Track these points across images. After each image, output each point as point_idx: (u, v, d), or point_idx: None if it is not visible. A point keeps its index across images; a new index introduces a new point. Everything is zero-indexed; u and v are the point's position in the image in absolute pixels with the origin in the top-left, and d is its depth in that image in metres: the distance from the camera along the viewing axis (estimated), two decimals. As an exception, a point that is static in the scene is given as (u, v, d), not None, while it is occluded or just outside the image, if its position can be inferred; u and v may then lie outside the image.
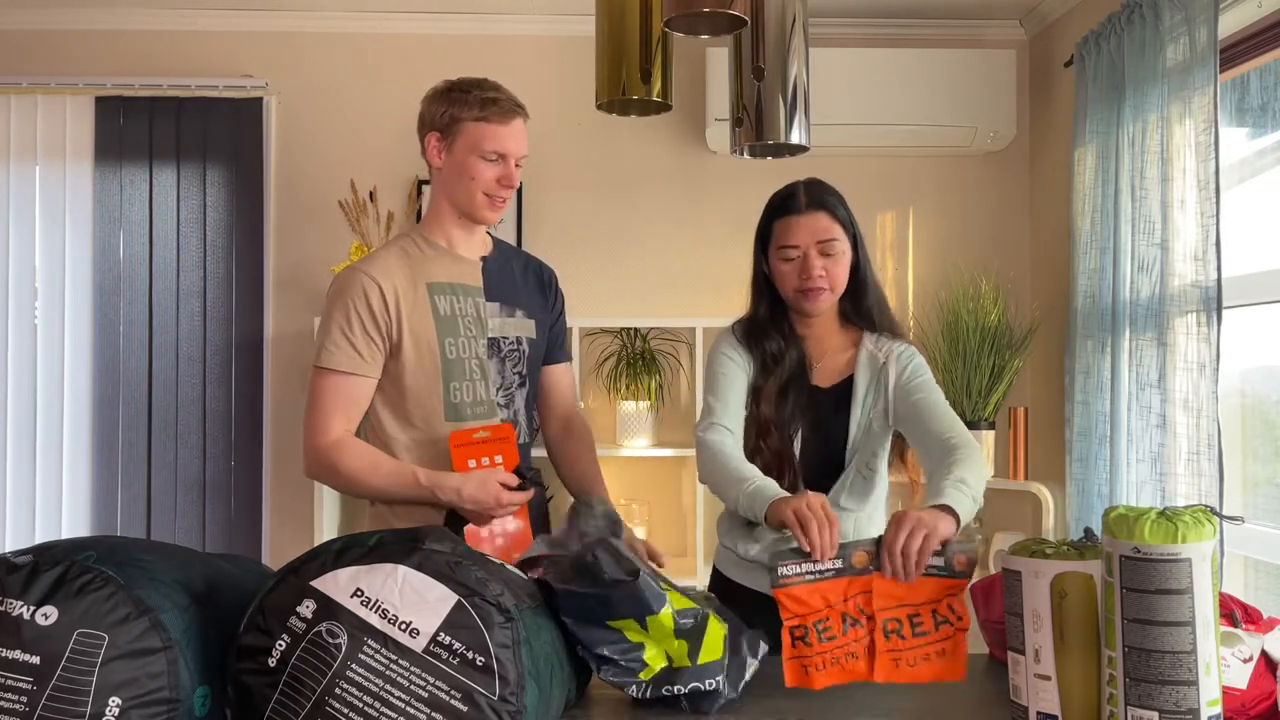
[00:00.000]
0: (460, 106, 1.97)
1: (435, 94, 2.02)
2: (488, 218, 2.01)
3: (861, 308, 2.00)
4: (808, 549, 1.53)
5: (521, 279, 2.12)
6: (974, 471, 1.72)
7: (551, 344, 2.17)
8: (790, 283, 1.96)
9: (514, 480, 1.89)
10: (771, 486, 1.75)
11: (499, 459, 1.90)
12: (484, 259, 2.07)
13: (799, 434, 1.96)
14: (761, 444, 1.94)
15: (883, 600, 1.50)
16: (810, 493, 1.63)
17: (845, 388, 1.97)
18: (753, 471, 1.82)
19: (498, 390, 2.02)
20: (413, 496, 1.90)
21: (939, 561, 1.51)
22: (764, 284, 2.03)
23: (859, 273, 1.99)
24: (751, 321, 2.03)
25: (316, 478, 1.98)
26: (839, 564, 1.50)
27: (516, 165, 2.00)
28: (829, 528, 1.54)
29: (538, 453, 2.18)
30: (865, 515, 1.97)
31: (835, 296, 1.98)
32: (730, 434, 1.91)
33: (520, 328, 2.07)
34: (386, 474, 1.91)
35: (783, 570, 1.49)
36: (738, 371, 1.98)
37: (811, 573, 1.49)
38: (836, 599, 1.50)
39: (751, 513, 1.74)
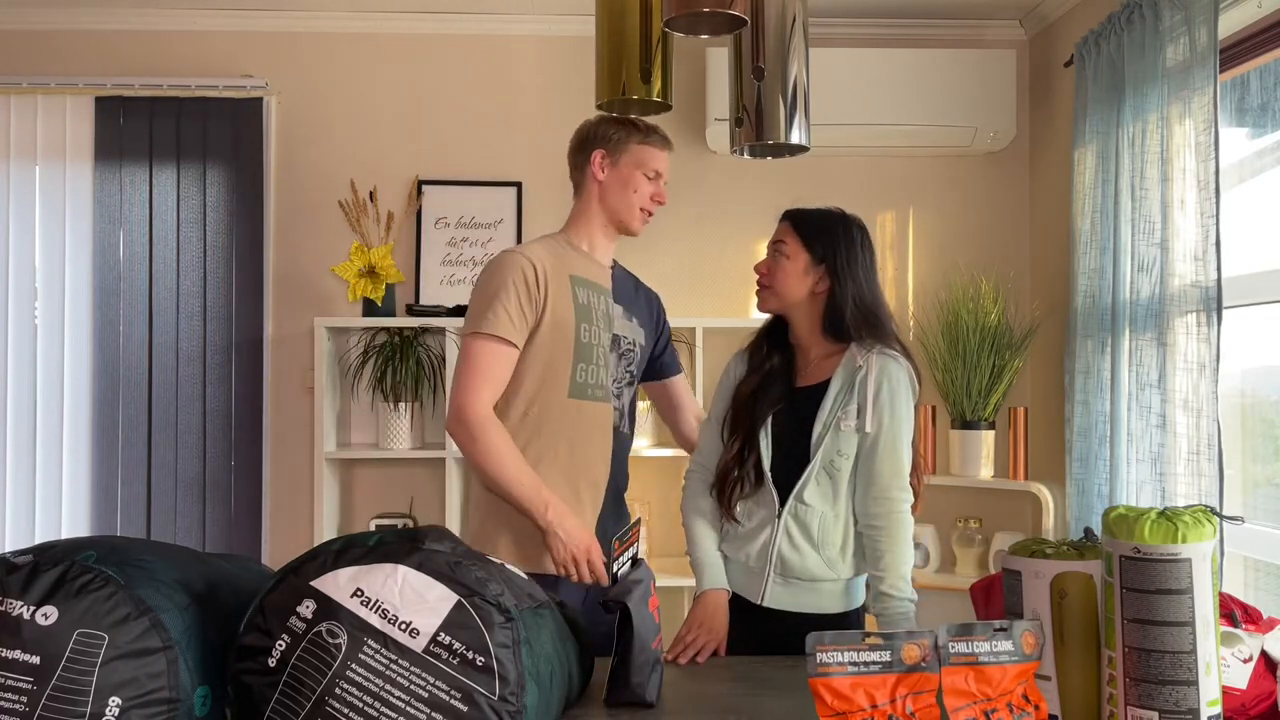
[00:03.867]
0: (627, 130, 2.24)
1: (600, 120, 2.27)
2: (639, 229, 2.26)
3: (840, 327, 2.07)
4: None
5: (636, 294, 2.37)
6: (898, 554, 1.97)
7: (669, 358, 2.46)
8: None
9: (602, 575, 2.04)
10: (707, 572, 2.08)
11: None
12: (611, 269, 2.31)
13: (768, 431, 2.06)
14: (732, 429, 2.12)
15: (954, 699, 1.30)
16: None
17: (821, 389, 2.05)
18: (700, 536, 2.12)
19: (613, 381, 2.24)
20: (535, 517, 2.04)
21: (1008, 645, 1.32)
22: None
23: (834, 293, 2.07)
24: (756, 335, 2.22)
25: (454, 436, 2.10)
26: (886, 656, 1.29)
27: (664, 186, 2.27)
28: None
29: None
30: (833, 515, 2.00)
31: (779, 299, 2.10)
32: (702, 474, 2.16)
33: (635, 332, 2.31)
34: (528, 485, 2.05)
35: (821, 656, 1.28)
36: (729, 385, 2.17)
37: (855, 664, 1.29)
38: (883, 698, 1.29)
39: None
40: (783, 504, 2.01)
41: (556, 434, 2.14)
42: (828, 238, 2.09)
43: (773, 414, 2.07)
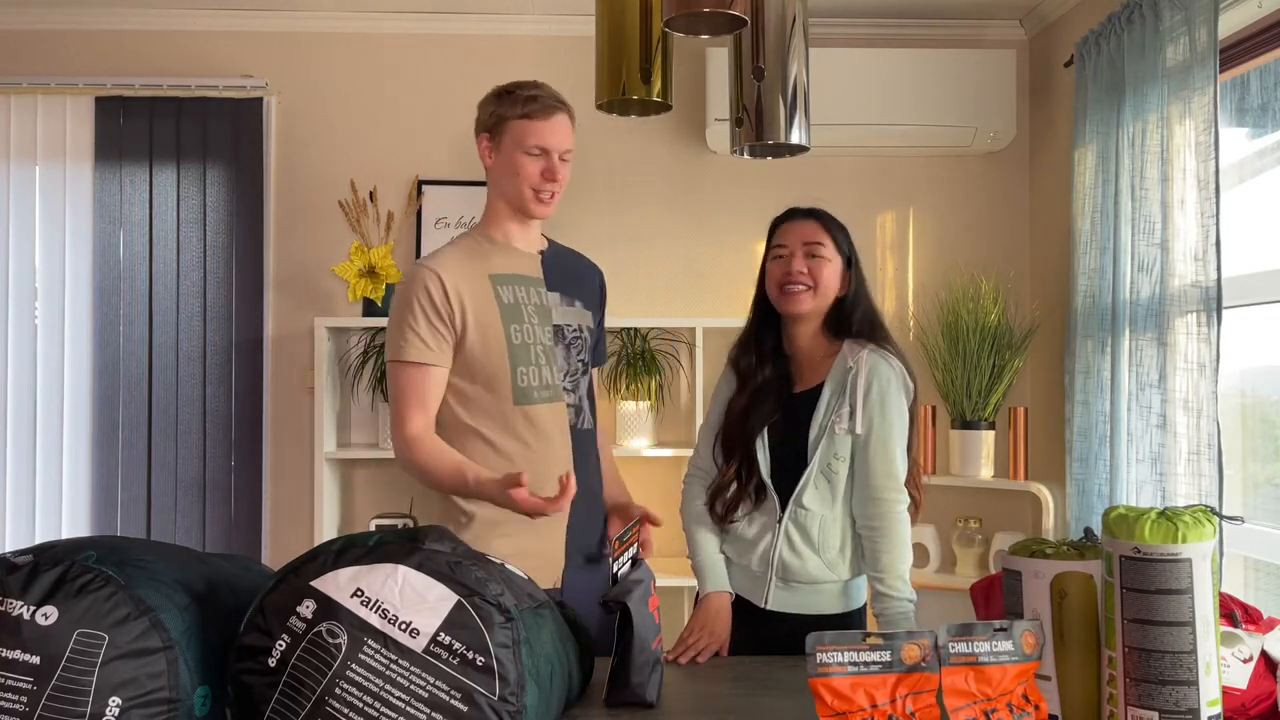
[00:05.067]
0: (505, 106, 2.07)
1: (485, 98, 2.12)
2: (538, 211, 2.09)
3: (846, 325, 2.07)
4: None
5: (575, 275, 2.22)
6: (895, 554, 1.97)
7: (598, 348, 2.28)
8: (775, 279, 2.09)
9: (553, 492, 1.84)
10: (710, 576, 2.06)
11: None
12: (542, 253, 2.17)
13: (765, 442, 2.05)
14: (726, 450, 2.11)
15: (954, 699, 1.30)
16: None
17: (816, 393, 2.04)
18: (702, 540, 2.10)
19: (564, 376, 2.11)
20: (463, 492, 1.95)
21: (1008, 645, 1.32)
22: (760, 301, 2.16)
23: (850, 294, 2.08)
24: (739, 341, 2.18)
25: (403, 468, 2.04)
26: (886, 656, 1.29)
27: (562, 160, 2.09)
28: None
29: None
30: (832, 518, 2.00)
31: (816, 300, 2.06)
32: (701, 478, 2.15)
33: (580, 317, 2.17)
34: (449, 470, 1.94)
35: (821, 657, 1.28)
36: (722, 399, 2.16)
37: (855, 664, 1.29)
38: (884, 698, 1.28)
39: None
40: (783, 509, 2.02)
41: (509, 446, 2.02)
42: (848, 240, 2.12)
43: (768, 426, 2.06)
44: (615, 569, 1.62)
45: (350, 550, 1.23)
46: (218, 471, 3.51)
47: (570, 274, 2.20)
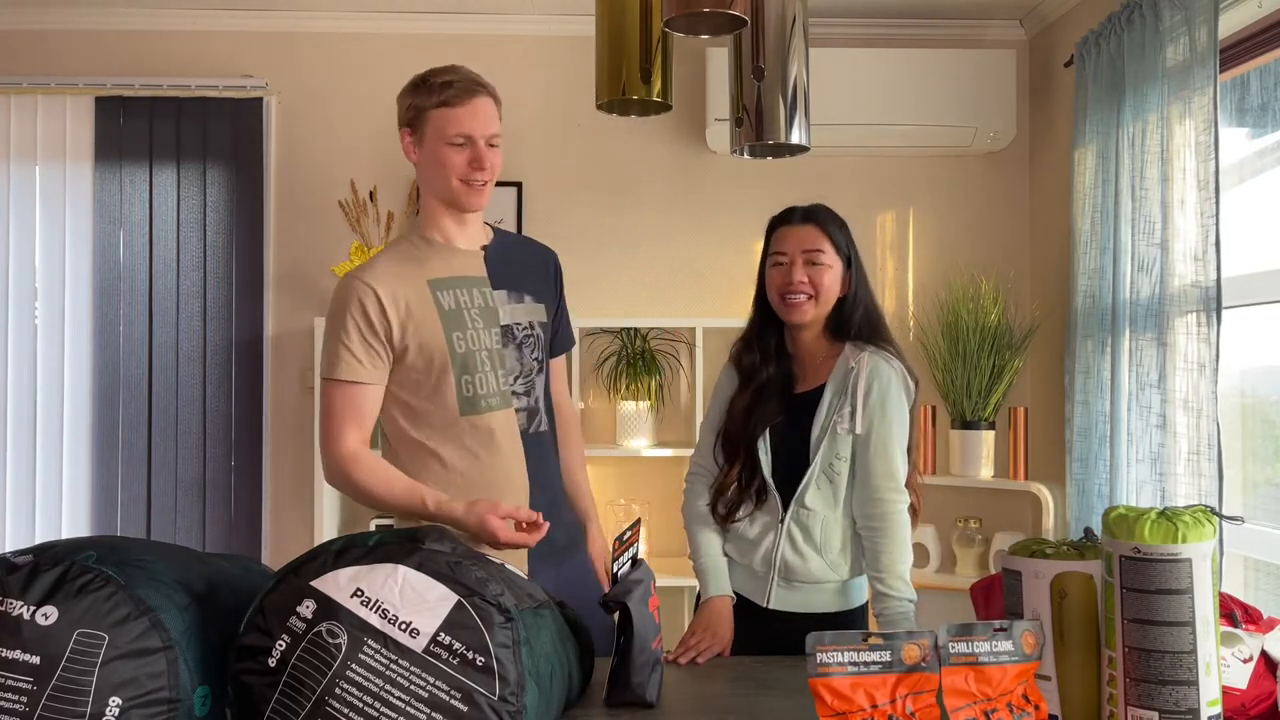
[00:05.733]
0: (422, 96, 1.96)
1: (402, 91, 2.02)
2: (471, 204, 1.96)
3: (847, 326, 2.06)
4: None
5: (525, 265, 2.09)
6: (895, 554, 1.96)
7: (560, 334, 2.16)
8: (775, 287, 2.07)
9: (528, 516, 1.81)
10: (712, 579, 2.06)
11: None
12: (484, 248, 2.04)
13: (767, 443, 2.05)
14: (728, 450, 2.10)
15: (954, 699, 1.29)
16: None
17: (818, 393, 2.04)
18: (704, 541, 2.10)
19: (515, 379, 1.99)
20: (423, 517, 1.86)
21: (1008, 645, 1.31)
22: (761, 301, 2.14)
23: (850, 295, 2.07)
24: (742, 339, 2.16)
25: (335, 486, 1.95)
26: (886, 656, 1.29)
27: (490, 145, 1.95)
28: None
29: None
30: (834, 518, 2.00)
31: (818, 308, 2.05)
32: (703, 477, 2.14)
33: (531, 313, 2.04)
34: (400, 492, 1.87)
35: (821, 657, 1.28)
36: (723, 398, 2.14)
37: (855, 664, 1.29)
38: (883, 698, 1.28)
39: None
40: (785, 509, 2.02)
41: (457, 459, 1.92)
42: (848, 238, 2.09)
43: (770, 426, 2.06)
44: (615, 569, 1.62)
45: (350, 550, 1.23)
46: (218, 471, 3.51)
47: (517, 266, 2.06)
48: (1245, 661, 1.40)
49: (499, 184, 3.61)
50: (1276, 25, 2.42)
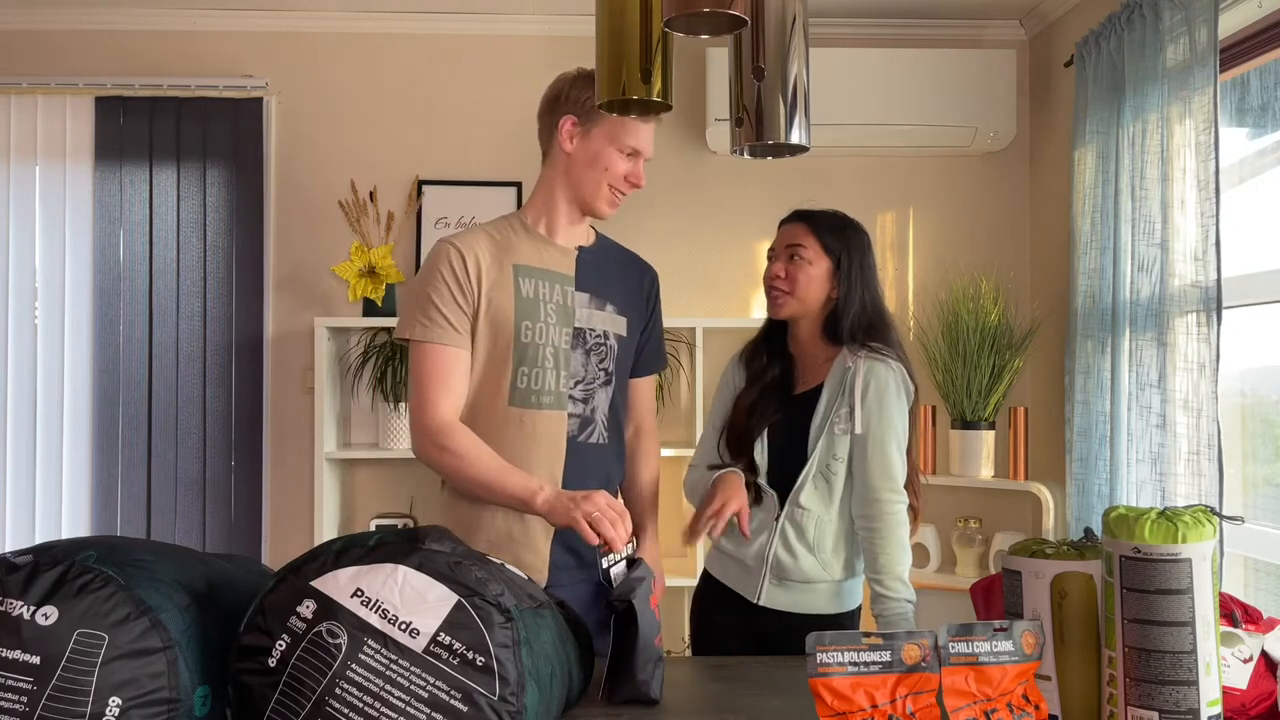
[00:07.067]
0: None
1: (580, 77, 1.97)
2: (605, 211, 1.99)
3: (840, 327, 2.07)
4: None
5: (619, 275, 2.07)
6: (892, 555, 1.96)
7: (641, 350, 2.11)
8: (765, 281, 2.13)
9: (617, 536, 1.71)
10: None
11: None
12: (581, 249, 2.03)
13: (765, 443, 2.08)
14: (732, 447, 2.11)
15: (954, 699, 1.29)
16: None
17: (816, 393, 2.06)
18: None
19: (576, 384, 1.96)
20: (519, 502, 1.81)
21: (1008, 645, 1.31)
22: None
23: (842, 296, 2.07)
24: (755, 338, 2.21)
25: (425, 459, 1.88)
26: (886, 656, 1.28)
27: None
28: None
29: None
30: (829, 519, 2.01)
31: (800, 305, 2.08)
32: (704, 471, 2.12)
33: (609, 322, 2.02)
34: (505, 468, 1.82)
35: (821, 657, 1.27)
36: (728, 393, 2.17)
37: (855, 664, 1.28)
38: (884, 698, 1.28)
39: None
40: (781, 508, 2.02)
41: (496, 449, 1.87)
42: (843, 241, 2.09)
43: (769, 425, 2.08)
44: (604, 565, 1.63)
45: (350, 550, 1.23)
46: (218, 471, 3.51)
47: (608, 274, 2.04)
48: (1245, 661, 1.40)
49: (499, 184, 3.62)
50: (1276, 25, 2.42)
